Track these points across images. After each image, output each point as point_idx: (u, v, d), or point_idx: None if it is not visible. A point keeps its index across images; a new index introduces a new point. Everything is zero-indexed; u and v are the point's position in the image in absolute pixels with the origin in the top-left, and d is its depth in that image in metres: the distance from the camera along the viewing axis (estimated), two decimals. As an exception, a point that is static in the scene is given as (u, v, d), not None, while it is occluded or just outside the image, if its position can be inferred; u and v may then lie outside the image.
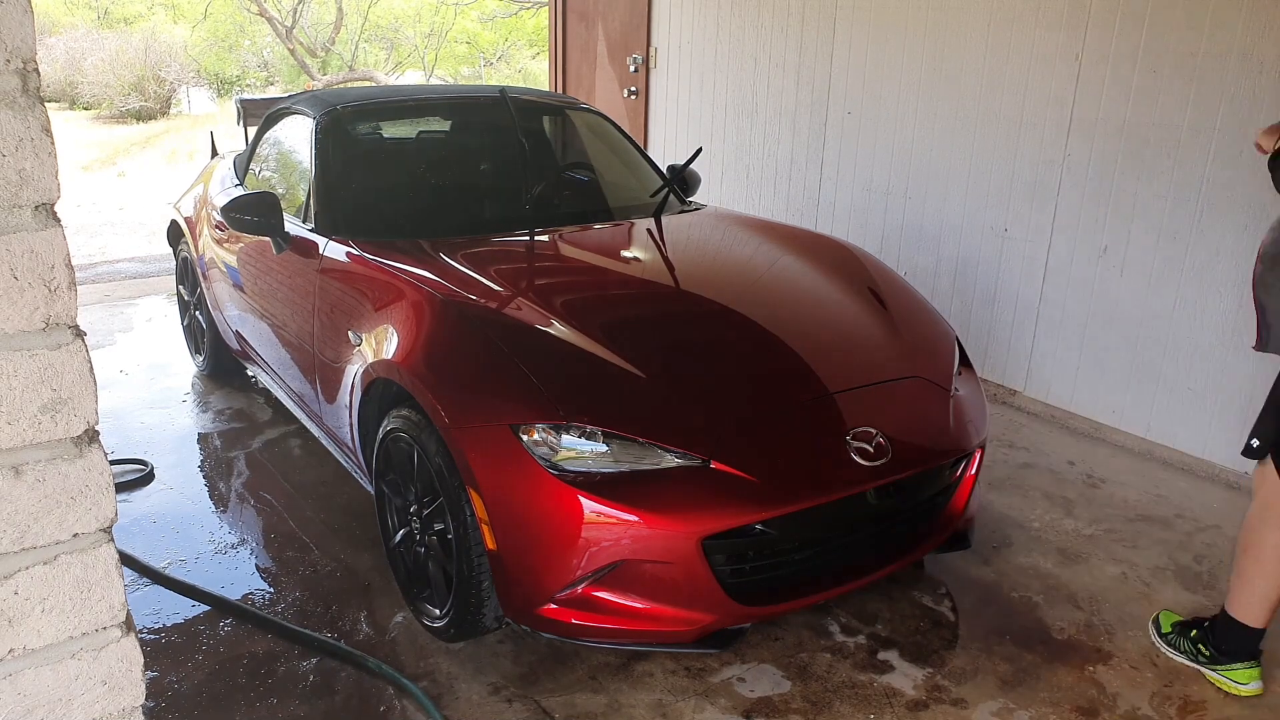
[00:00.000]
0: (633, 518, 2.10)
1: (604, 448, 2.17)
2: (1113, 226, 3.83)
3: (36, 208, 0.86)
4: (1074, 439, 3.92)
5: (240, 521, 3.17)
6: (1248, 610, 2.32)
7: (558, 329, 2.47)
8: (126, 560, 2.82)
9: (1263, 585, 2.29)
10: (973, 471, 2.62)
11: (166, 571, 2.80)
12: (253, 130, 4.14)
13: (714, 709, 2.28)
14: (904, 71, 4.58)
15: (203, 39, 20.39)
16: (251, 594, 2.74)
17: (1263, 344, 2.22)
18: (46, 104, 0.87)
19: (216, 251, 3.92)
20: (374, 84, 16.77)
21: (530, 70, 20.30)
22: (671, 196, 3.63)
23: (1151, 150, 3.65)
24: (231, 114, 4.96)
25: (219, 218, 3.84)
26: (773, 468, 2.23)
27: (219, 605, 2.66)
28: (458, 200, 3.58)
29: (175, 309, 4.95)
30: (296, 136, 3.54)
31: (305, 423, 3.38)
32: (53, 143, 0.86)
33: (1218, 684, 2.38)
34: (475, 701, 2.29)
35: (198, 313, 4.39)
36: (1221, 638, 2.39)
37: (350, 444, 2.86)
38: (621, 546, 2.12)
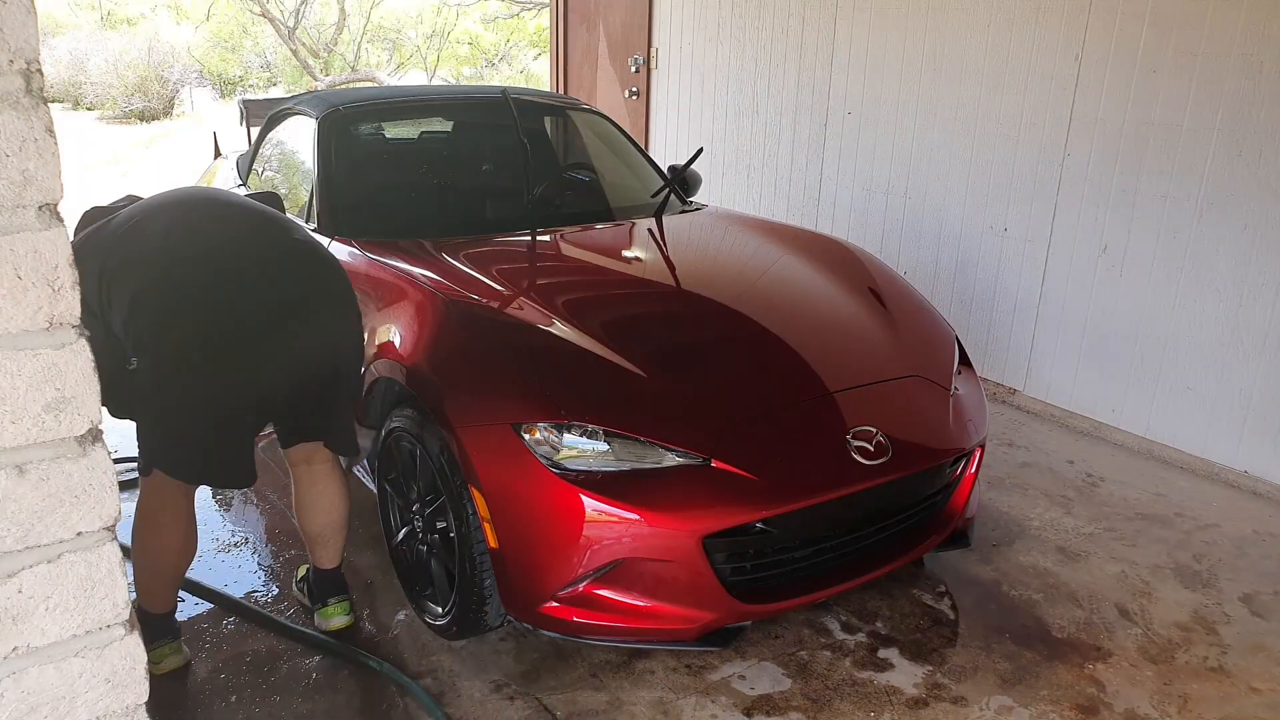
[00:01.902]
0: (634, 516, 2.11)
1: (605, 446, 2.18)
2: (1112, 226, 3.83)
3: (40, 208, 0.86)
4: (1073, 438, 3.92)
5: (243, 520, 3.18)
6: None
7: (559, 328, 2.48)
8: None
9: None
10: (972, 470, 2.63)
11: (169, 570, 2.80)
12: (255, 131, 4.15)
13: (715, 706, 2.28)
14: (904, 72, 4.58)
15: (205, 40, 20.39)
16: (254, 592, 2.75)
17: None
18: (50, 104, 0.88)
19: (219, 252, 3.91)
20: (376, 85, 16.77)
21: (532, 71, 20.28)
22: (672, 197, 3.63)
23: (1151, 149, 3.65)
24: (234, 114, 4.97)
25: (221, 218, 3.84)
26: (773, 466, 2.24)
27: (222, 603, 2.66)
28: (460, 200, 3.58)
29: (178, 309, 4.94)
30: (299, 137, 3.54)
31: (307, 422, 3.38)
32: (56, 143, 0.87)
33: None
34: (477, 699, 2.29)
35: (200, 313, 4.38)
36: None
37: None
38: (623, 545, 2.13)
